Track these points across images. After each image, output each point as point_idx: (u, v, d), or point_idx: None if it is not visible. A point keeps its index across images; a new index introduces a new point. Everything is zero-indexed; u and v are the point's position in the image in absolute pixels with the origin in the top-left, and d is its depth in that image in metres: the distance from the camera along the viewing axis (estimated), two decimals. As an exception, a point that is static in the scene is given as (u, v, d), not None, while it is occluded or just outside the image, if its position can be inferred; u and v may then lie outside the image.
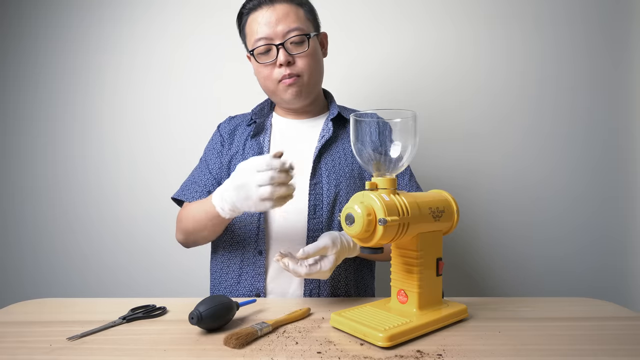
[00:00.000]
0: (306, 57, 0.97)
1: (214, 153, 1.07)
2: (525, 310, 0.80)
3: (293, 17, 0.96)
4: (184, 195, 1.03)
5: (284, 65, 0.95)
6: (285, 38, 0.95)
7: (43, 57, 1.58)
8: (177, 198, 1.05)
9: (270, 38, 0.95)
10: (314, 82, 1.01)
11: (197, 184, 1.03)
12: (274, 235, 0.96)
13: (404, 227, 0.66)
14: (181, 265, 1.55)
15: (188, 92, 1.56)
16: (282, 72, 0.96)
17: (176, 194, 1.05)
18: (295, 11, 0.97)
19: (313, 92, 1.03)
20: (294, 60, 0.96)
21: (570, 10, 1.49)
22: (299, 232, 0.95)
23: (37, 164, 1.60)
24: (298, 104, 1.03)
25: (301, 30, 0.96)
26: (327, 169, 0.99)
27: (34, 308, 0.82)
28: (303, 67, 0.97)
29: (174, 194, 1.06)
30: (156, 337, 0.67)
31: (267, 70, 0.98)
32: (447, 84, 1.52)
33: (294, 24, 0.95)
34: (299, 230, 0.95)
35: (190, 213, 0.95)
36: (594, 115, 1.50)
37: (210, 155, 1.07)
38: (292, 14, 0.96)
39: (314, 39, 1.00)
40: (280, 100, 1.02)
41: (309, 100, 1.03)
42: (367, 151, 0.71)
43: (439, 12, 1.51)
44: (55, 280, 1.60)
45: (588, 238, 1.52)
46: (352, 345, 0.63)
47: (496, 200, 1.52)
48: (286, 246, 0.95)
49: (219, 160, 1.05)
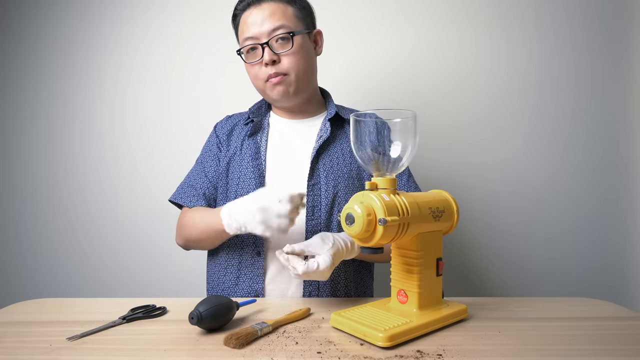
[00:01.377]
0: (292, 55, 0.96)
1: (210, 156, 1.07)
2: (525, 310, 0.79)
3: (279, 15, 0.95)
4: (181, 199, 1.03)
5: (269, 64, 0.95)
6: (270, 36, 0.94)
7: (43, 57, 1.58)
8: (174, 201, 1.05)
9: (257, 37, 0.95)
10: (304, 80, 0.99)
11: (193, 188, 1.04)
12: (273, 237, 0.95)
13: (404, 227, 0.66)
14: (181, 265, 1.55)
15: (188, 92, 1.56)
16: (268, 71, 0.96)
17: (173, 197, 1.05)
18: (282, 9, 0.96)
19: (303, 91, 1.01)
20: (279, 59, 0.95)
21: (570, 12, 1.49)
22: (297, 233, 0.94)
23: (37, 164, 1.60)
24: (287, 103, 1.02)
25: (287, 28, 0.95)
26: (325, 169, 0.98)
27: (34, 308, 0.82)
28: (289, 66, 0.96)
29: (170, 196, 1.06)
30: (156, 337, 0.67)
31: (254, 70, 0.98)
32: (448, 85, 1.52)
33: (278, 22, 0.94)
34: (297, 231, 0.94)
35: (194, 222, 0.96)
36: (595, 118, 1.50)
37: (207, 158, 1.07)
38: (279, 12, 0.95)
39: (304, 36, 0.98)
40: (270, 99, 1.02)
41: (299, 99, 1.02)
42: (367, 151, 0.71)
43: (439, 13, 1.51)
44: (55, 280, 1.60)
45: (588, 239, 1.52)
46: (352, 345, 0.63)
47: (496, 201, 1.52)
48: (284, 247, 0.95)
49: (216, 164, 1.05)
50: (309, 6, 1.04)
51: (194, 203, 1.02)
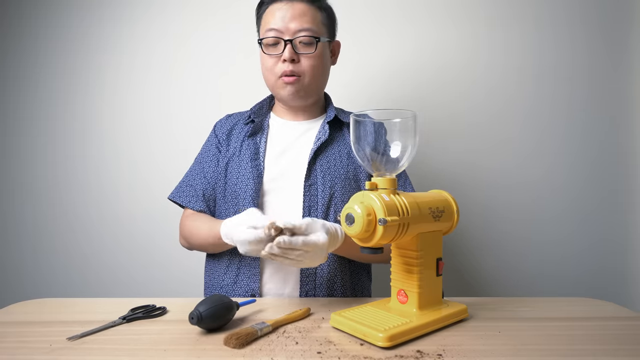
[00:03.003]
0: (311, 58, 0.97)
1: (209, 156, 1.07)
2: (525, 310, 0.80)
3: (308, 18, 0.97)
4: (179, 198, 1.05)
5: (288, 61, 0.96)
6: (295, 36, 0.96)
7: (43, 57, 1.58)
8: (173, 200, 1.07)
9: (281, 32, 0.96)
10: (315, 85, 1.02)
11: (192, 188, 1.05)
12: None
13: (404, 227, 0.66)
14: (181, 265, 1.55)
15: (188, 91, 1.56)
16: (284, 68, 0.97)
17: (172, 195, 1.07)
18: (312, 13, 0.98)
19: (312, 95, 1.04)
20: (298, 59, 0.97)
21: (569, 11, 1.49)
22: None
23: (37, 164, 1.60)
24: (294, 103, 1.04)
25: (313, 32, 0.96)
26: (322, 170, 0.99)
27: (34, 308, 0.82)
28: (306, 68, 0.98)
29: (170, 194, 1.08)
30: (156, 337, 0.67)
31: (271, 62, 0.99)
32: (447, 85, 1.52)
33: (307, 24, 0.96)
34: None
35: (197, 230, 0.98)
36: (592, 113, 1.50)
37: (206, 159, 1.07)
38: (309, 15, 0.97)
39: (325, 44, 1.01)
40: (278, 95, 1.03)
41: (306, 101, 1.04)
42: (367, 151, 0.71)
43: (441, 15, 1.51)
44: (55, 280, 1.60)
45: (587, 239, 1.52)
46: (352, 345, 0.63)
47: (496, 201, 1.52)
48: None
49: (215, 165, 1.06)
50: (335, 17, 1.06)
51: (193, 204, 1.04)
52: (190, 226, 1.01)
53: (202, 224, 0.98)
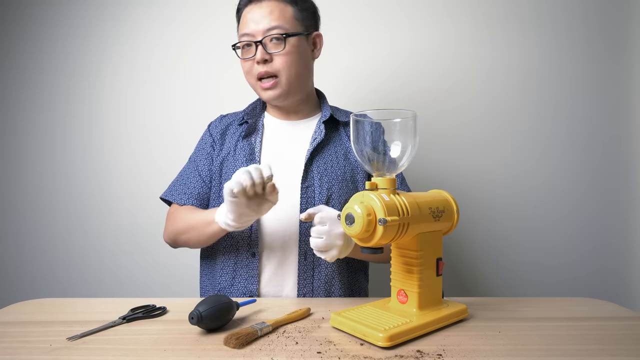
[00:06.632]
0: (284, 56, 0.95)
1: (203, 155, 1.06)
2: (525, 310, 0.80)
3: (277, 15, 0.95)
4: (172, 197, 1.03)
5: (260, 62, 0.95)
6: (265, 35, 0.94)
7: (43, 57, 1.58)
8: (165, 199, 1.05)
9: (252, 34, 0.95)
10: (296, 83, 0.99)
11: (186, 187, 1.03)
12: (267, 238, 0.95)
13: (404, 227, 0.66)
14: (181, 265, 1.55)
15: (189, 91, 1.56)
16: (259, 70, 0.96)
17: (165, 194, 1.05)
18: (281, 9, 0.95)
19: (296, 93, 1.01)
20: (271, 59, 0.95)
21: (570, 14, 1.49)
22: (291, 234, 0.95)
23: (37, 164, 1.60)
24: (279, 104, 1.03)
25: (282, 29, 0.94)
26: (319, 171, 0.98)
27: (34, 308, 0.82)
28: (280, 67, 0.95)
29: (162, 193, 1.06)
30: (156, 337, 0.67)
31: (247, 66, 0.99)
32: (447, 85, 1.52)
33: (275, 22, 0.94)
34: (291, 232, 0.95)
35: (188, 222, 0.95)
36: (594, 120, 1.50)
37: (200, 158, 1.06)
38: (277, 12, 0.95)
39: (300, 38, 0.97)
40: (262, 98, 1.02)
41: (291, 100, 1.02)
42: (366, 151, 0.71)
43: (439, 13, 1.51)
44: (55, 280, 1.60)
45: (589, 241, 1.52)
46: (352, 345, 0.63)
47: (496, 201, 1.52)
48: (279, 249, 0.95)
49: (209, 163, 1.04)
50: (313, 8, 1.03)
51: (184, 201, 1.01)
52: (179, 216, 0.98)
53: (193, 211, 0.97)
